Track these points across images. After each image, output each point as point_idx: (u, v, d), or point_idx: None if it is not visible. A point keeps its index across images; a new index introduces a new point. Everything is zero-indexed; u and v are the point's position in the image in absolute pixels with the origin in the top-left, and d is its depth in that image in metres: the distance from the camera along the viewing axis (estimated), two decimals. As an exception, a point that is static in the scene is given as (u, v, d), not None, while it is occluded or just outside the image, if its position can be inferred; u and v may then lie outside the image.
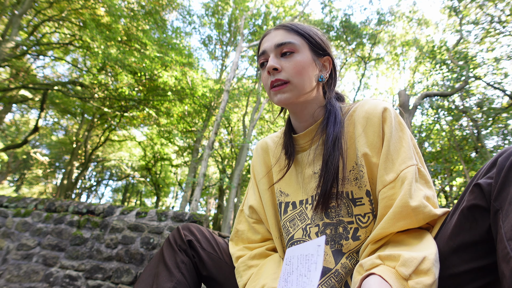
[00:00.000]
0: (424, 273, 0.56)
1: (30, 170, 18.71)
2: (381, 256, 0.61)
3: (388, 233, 0.66)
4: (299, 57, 0.80)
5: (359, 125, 0.78)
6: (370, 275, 0.59)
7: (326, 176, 0.76)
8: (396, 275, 0.56)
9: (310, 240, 0.78)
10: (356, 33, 11.11)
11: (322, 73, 0.85)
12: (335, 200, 0.77)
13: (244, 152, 10.59)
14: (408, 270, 0.56)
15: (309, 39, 0.83)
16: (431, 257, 0.58)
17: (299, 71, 0.79)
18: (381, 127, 0.75)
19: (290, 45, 0.80)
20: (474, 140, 9.44)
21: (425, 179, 0.71)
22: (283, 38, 0.81)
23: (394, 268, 0.58)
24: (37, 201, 2.81)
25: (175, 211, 2.55)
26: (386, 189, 0.69)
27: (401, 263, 0.57)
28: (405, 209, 0.65)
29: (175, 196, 21.91)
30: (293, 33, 0.82)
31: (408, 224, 0.66)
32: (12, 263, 2.50)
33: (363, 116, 0.78)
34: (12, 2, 8.03)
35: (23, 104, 12.88)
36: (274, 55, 0.81)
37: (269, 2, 11.99)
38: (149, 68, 8.85)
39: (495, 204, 0.54)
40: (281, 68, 0.79)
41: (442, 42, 9.60)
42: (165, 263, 0.85)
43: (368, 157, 0.74)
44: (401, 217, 0.65)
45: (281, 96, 0.79)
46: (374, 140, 0.74)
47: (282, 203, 0.89)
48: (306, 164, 0.86)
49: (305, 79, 0.80)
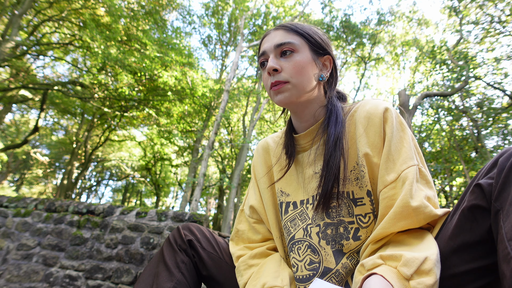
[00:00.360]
0: (425, 273, 0.56)
1: (30, 170, 18.71)
2: (383, 256, 0.62)
3: (389, 233, 0.66)
4: (299, 57, 0.80)
5: (360, 125, 0.78)
6: (371, 275, 0.59)
7: (327, 176, 0.76)
8: (398, 275, 0.56)
9: (311, 239, 0.79)
10: (356, 33, 11.12)
11: (323, 72, 0.85)
12: (336, 200, 0.77)
13: (244, 152, 10.59)
14: (409, 270, 0.56)
15: (308, 39, 0.83)
16: (432, 258, 0.58)
17: (298, 71, 0.79)
18: (382, 127, 0.75)
19: (290, 45, 0.80)
20: (474, 140, 9.44)
21: (426, 180, 0.71)
22: (282, 38, 0.81)
23: (395, 268, 0.58)
24: (37, 201, 2.81)
25: (175, 211, 2.55)
26: (387, 189, 0.69)
27: (403, 263, 0.57)
28: (406, 209, 0.65)
29: (175, 196, 21.92)
30: (293, 33, 0.82)
31: (409, 224, 0.66)
32: (12, 263, 2.50)
33: (364, 116, 0.78)
34: (12, 2, 8.03)
35: (23, 104, 12.88)
36: (273, 56, 0.81)
37: (269, 2, 11.98)
38: (149, 68, 8.85)
39: (496, 205, 0.54)
40: (281, 69, 0.79)
41: (442, 42, 9.59)
42: (165, 263, 0.85)
43: (369, 157, 0.74)
44: (402, 217, 0.65)
45: (281, 96, 0.79)
46: (375, 140, 0.74)
47: (283, 203, 0.89)
48: (307, 164, 0.86)
49: (305, 79, 0.80)
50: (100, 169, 20.78)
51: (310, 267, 0.77)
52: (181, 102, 11.47)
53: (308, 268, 0.77)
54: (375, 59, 12.86)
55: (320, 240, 0.78)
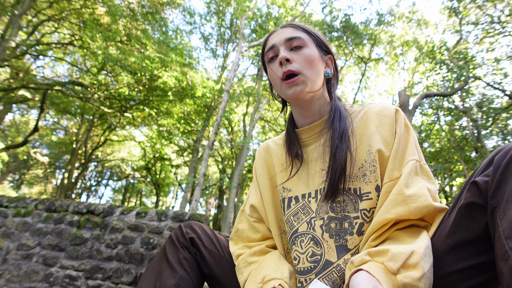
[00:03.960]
0: (412, 267, 0.57)
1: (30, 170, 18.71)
2: (370, 253, 0.63)
3: (384, 219, 0.68)
4: (308, 51, 0.84)
5: (371, 124, 0.82)
6: (358, 271, 0.60)
7: (334, 166, 0.78)
8: (385, 270, 0.58)
9: (314, 231, 0.80)
10: (356, 33, 11.12)
11: (328, 69, 0.89)
12: (341, 196, 0.79)
13: (244, 152, 10.59)
14: (396, 264, 0.58)
15: (315, 37, 0.89)
16: (419, 251, 0.59)
17: (309, 63, 0.83)
18: (394, 127, 0.80)
19: (299, 40, 0.85)
20: (474, 140, 9.44)
21: (427, 175, 0.75)
22: (292, 33, 0.86)
23: (382, 263, 0.59)
24: (37, 201, 2.82)
25: (175, 211, 2.55)
26: (391, 183, 0.73)
27: (389, 258, 0.59)
28: (399, 196, 0.68)
29: (175, 196, 21.92)
30: (301, 30, 0.88)
31: (403, 212, 0.67)
32: (12, 263, 2.50)
33: (376, 116, 0.83)
34: (12, 2, 8.03)
35: (23, 104, 12.88)
36: (284, 48, 0.85)
37: (270, 2, 11.98)
38: (149, 68, 8.85)
39: (492, 202, 0.55)
40: (292, 60, 0.82)
41: (441, 43, 9.60)
42: (168, 260, 0.86)
43: (382, 153, 0.78)
44: (396, 204, 0.68)
45: (295, 89, 0.82)
46: (388, 138, 0.79)
47: (285, 198, 0.90)
48: (311, 160, 0.87)
49: (315, 72, 0.84)
50: (100, 169, 20.77)
51: (312, 259, 0.78)
52: (181, 102, 11.47)
53: (310, 260, 0.78)
54: (374, 59, 12.87)
55: (324, 233, 0.79)
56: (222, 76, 13.29)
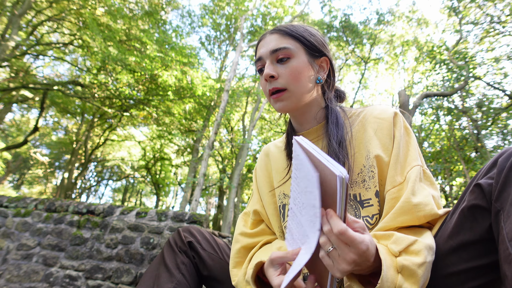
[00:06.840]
0: (414, 253, 0.58)
1: (30, 170, 18.70)
2: (376, 235, 0.65)
3: (389, 227, 0.68)
4: (295, 62, 0.80)
5: (370, 129, 0.81)
6: None
7: None
8: (387, 251, 0.59)
9: None
10: (355, 33, 11.11)
11: (319, 75, 0.85)
12: None
13: (244, 152, 10.59)
14: (398, 247, 0.59)
15: (304, 42, 0.83)
16: (423, 241, 0.61)
17: (295, 77, 0.80)
18: (392, 131, 0.78)
19: (285, 50, 0.80)
20: (474, 140, 9.44)
21: (430, 181, 0.74)
22: (278, 44, 0.81)
23: (386, 246, 0.61)
24: (37, 201, 2.81)
25: (175, 211, 2.55)
26: (395, 189, 0.72)
27: (393, 241, 0.61)
28: (407, 204, 0.67)
29: (175, 196, 21.91)
30: (288, 37, 0.82)
31: (409, 220, 0.67)
32: (12, 263, 2.50)
33: (374, 120, 0.81)
34: (12, 2, 8.03)
35: (23, 104, 12.88)
36: (270, 62, 0.82)
37: (268, 2, 11.97)
38: (149, 68, 8.85)
39: (496, 205, 0.54)
40: (278, 75, 0.80)
41: (441, 42, 9.60)
42: (166, 264, 0.87)
43: (381, 159, 0.76)
44: (402, 212, 0.67)
45: (280, 104, 0.81)
46: (386, 142, 0.78)
47: (286, 205, 0.89)
48: None
49: (302, 85, 0.81)
50: (100, 169, 20.76)
51: None
52: (181, 101, 11.47)
53: None
54: (374, 59, 12.86)
55: None
56: (221, 76, 13.28)
